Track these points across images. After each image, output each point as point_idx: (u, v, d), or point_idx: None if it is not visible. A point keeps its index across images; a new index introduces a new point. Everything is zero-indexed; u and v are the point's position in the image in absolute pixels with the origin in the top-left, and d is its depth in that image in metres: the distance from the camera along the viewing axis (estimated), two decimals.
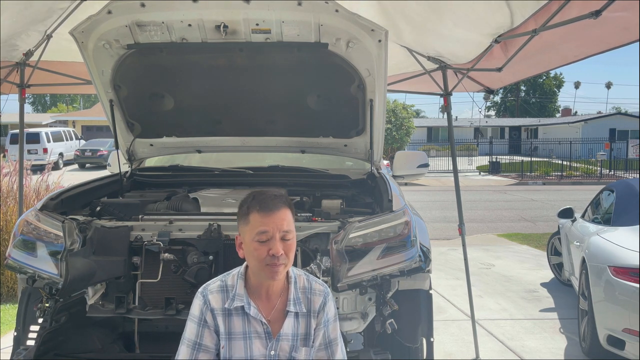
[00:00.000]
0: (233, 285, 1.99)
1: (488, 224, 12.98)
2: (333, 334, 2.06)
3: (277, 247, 1.89)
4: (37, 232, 3.03)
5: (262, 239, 1.89)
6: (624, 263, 4.35)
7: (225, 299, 1.97)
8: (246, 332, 1.95)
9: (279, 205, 1.93)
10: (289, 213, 1.96)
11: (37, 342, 2.87)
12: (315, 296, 2.05)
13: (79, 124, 44.79)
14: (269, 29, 3.26)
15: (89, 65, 3.54)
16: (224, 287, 1.99)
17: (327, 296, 2.07)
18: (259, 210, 1.91)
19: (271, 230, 1.89)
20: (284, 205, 1.95)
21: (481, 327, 5.45)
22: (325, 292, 2.08)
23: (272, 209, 1.91)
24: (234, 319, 1.96)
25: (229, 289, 1.98)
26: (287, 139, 4.12)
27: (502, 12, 3.28)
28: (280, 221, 1.91)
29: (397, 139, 28.60)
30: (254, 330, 1.96)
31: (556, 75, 72.52)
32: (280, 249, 1.89)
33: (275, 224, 1.90)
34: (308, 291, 2.05)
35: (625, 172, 27.44)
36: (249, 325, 1.96)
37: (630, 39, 3.05)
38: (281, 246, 1.90)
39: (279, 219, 1.91)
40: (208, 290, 1.99)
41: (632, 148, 30.78)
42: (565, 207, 6.87)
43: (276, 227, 1.90)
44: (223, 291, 1.98)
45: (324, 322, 2.04)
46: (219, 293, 1.98)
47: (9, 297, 6.10)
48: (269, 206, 1.91)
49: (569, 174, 26.19)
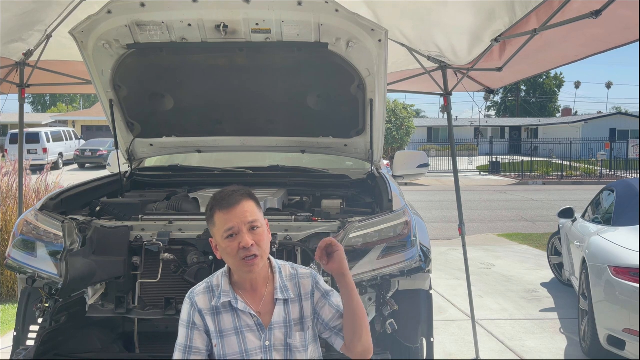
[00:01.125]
0: (218, 284, 2.01)
1: (488, 224, 12.97)
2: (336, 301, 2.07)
3: (246, 239, 1.90)
4: (36, 232, 3.03)
5: (230, 235, 1.91)
6: (624, 263, 4.35)
7: (211, 298, 1.99)
8: (237, 327, 1.97)
9: (238, 199, 1.95)
10: (252, 203, 1.97)
11: (37, 342, 2.86)
12: (304, 279, 2.06)
13: (79, 123, 44.81)
14: (269, 29, 3.26)
15: (88, 65, 3.54)
16: (209, 287, 2.02)
17: (315, 277, 2.09)
18: (220, 209, 1.94)
19: (236, 224, 1.91)
20: (243, 197, 1.96)
21: (481, 327, 5.45)
22: (312, 273, 2.09)
23: (232, 204, 1.93)
24: (223, 316, 1.97)
25: (214, 289, 2.01)
26: (287, 139, 4.12)
27: (501, 11, 3.28)
28: (242, 213, 1.93)
29: (397, 139, 28.60)
30: (245, 324, 1.97)
31: (556, 75, 72.58)
32: (249, 240, 1.90)
33: (239, 217, 1.92)
34: (295, 277, 2.06)
35: (626, 172, 27.44)
36: (239, 320, 1.97)
37: (630, 39, 3.05)
38: (250, 237, 1.91)
39: (241, 211, 1.93)
40: (194, 293, 2.02)
41: (632, 148, 30.79)
42: (565, 207, 6.86)
43: (240, 220, 1.92)
44: (209, 291, 2.01)
45: (323, 296, 2.05)
46: (205, 294, 2.01)
47: (9, 297, 6.10)
48: (228, 202, 1.94)
49: (569, 174, 26.19)
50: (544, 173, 26.51)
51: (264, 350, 1.97)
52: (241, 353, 1.95)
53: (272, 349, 1.97)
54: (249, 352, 1.96)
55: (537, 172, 26.60)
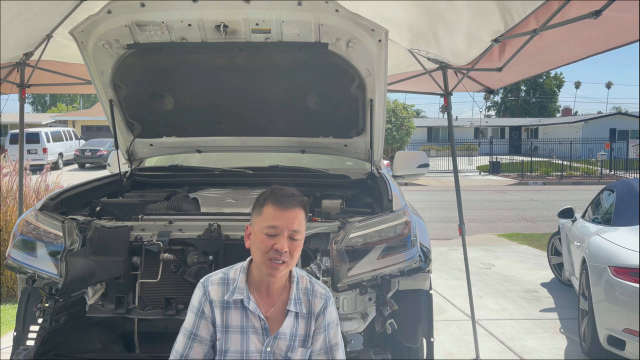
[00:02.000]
0: (235, 279, 2.00)
1: (488, 224, 12.97)
2: (334, 339, 2.06)
3: (283, 244, 1.90)
4: (36, 232, 3.03)
5: (271, 233, 1.91)
6: (624, 263, 4.35)
7: (225, 292, 1.98)
8: (243, 327, 1.96)
9: (294, 204, 1.95)
10: (302, 214, 1.97)
11: (37, 342, 2.86)
12: (317, 298, 2.05)
13: (79, 123, 44.80)
14: (269, 29, 3.26)
15: (88, 65, 3.54)
16: (225, 279, 2.01)
17: (328, 300, 2.07)
18: (273, 204, 1.93)
19: (281, 226, 1.91)
20: (298, 205, 1.96)
21: (481, 327, 5.45)
22: (327, 295, 2.07)
23: (287, 206, 1.93)
24: (232, 312, 1.97)
25: (230, 282, 2.00)
26: (287, 139, 4.11)
27: (501, 11, 3.28)
28: (291, 219, 1.93)
29: (397, 139, 28.61)
30: (251, 325, 1.97)
31: (556, 75, 72.57)
32: (285, 246, 1.90)
33: (287, 220, 1.92)
34: (310, 292, 2.05)
35: (626, 172, 27.44)
36: (247, 320, 1.97)
37: (630, 39, 3.05)
38: (287, 244, 1.91)
39: (291, 217, 1.93)
40: (209, 281, 2.01)
41: (632, 148, 30.78)
42: (565, 207, 6.86)
43: (286, 224, 1.92)
44: (224, 283, 2.00)
45: (324, 326, 2.04)
46: (220, 285, 2.00)
47: (9, 297, 6.10)
48: (283, 202, 1.93)
49: (569, 174, 26.19)
50: (544, 173, 26.51)
51: (264, 355, 1.96)
52: (241, 353, 1.95)
53: (271, 355, 1.97)
54: (249, 353, 1.96)
55: (537, 172, 26.60)
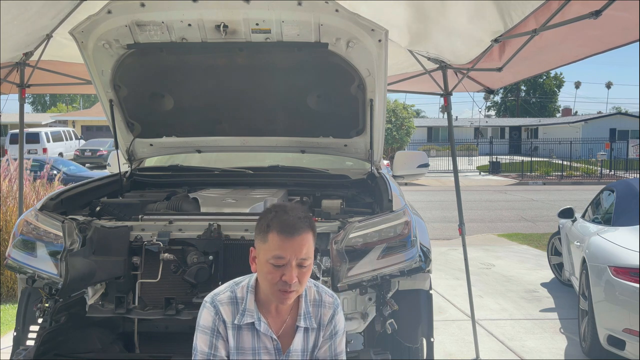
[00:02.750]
0: (243, 298, 1.91)
1: (488, 224, 12.97)
2: (339, 348, 2.03)
3: (292, 275, 1.78)
4: (36, 232, 3.03)
5: (278, 264, 1.79)
6: (624, 263, 4.34)
7: (235, 313, 1.90)
8: (255, 348, 1.91)
9: (301, 230, 1.80)
10: (310, 237, 1.84)
11: (37, 342, 2.86)
12: (325, 309, 2.00)
13: (79, 123, 44.78)
14: (269, 29, 3.26)
15: (88, 65, 3.54)
16: (233, 299, 1.91)
17: (336, 308, 2.02)
18: (279, 233, 1.78)
19: (288, 256, 1.78)
20: (306, 228, 1.82)
21: (481, 327, 5.45)
22: (335, 304, 2.02)
23: (293, 234, 1.78)
24: (243, 334, 1.91)
25: (238, 302, 1.91)
26: (287, 139, 4.11)
27: (500, 12, 3.28)
28: (299, 247, 1.79)
29: (397, 139, 28.61)
30: (263, 346, 1.92)
31: (556, 75, 72.56)
32: (294, 277, 1.78)
33: (294, 249, 1.78)
34: (318, 304, 2.00)
35: (626, 172, 27.43)
36: (259, 341, 1.91)
37: (630, 39, 3.05)
38: (296, 273, 1.79)
39: (299, 244, 1.79)
40: (218, 301, 1.91)
41: (632, 148, 30.79)
42: (565, 207, 6.86)
43: (294, 253, 1.78)
44: (233, 303, 1.91)
45: (331, 334, 2.01)
46: (229, 305, 1.90)
47: (9, 297, 6.10)
48: (290, 230, 1.78)
49: (569, 174, 26.19)
50: (544, 173, 26.51)
51: None
52: None
53: None
54: None
55: (537, 172, 26.60)
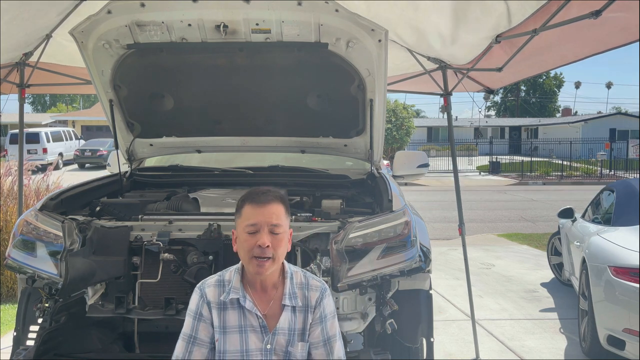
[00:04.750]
0: (230, 280, 2.04)
1: (488, 224, 12.97)
2: (331, 331, 2.07)
3: (264, 239, 1.93)
4: (36, 232, 3.03)
5: (251, 231, 1.95)
6: (624, 263, 4.35)
7: (221, 293, 2.01)
8: (242, 326, 1.98)
9: (270, 199, 1.99)
10: (281, 208, 2.00)
11: (36, 342, 2.86)
12: (312, 292, 2.07)
13: (79, 124, 44.78)
14: (269, 29, 3.26)
15: (88, 65, 3.54)
16: (220, 281, 2.05)
17: (324, 292, 2.09)
18: (250, 203, 1.98)
19: (260, 222, 1.95)
20: (275, 199, 2.00)
21: (481, 327, 5.45)
22: (323, 287, 2.10)
23: (262, 202, 1.97)
24: (229, 312, 1.99)
25: (225, 283, 2.03)
26: (287, 139, 4.12)
27: (501, 12, 3.28)
28: (269, 214, 1.96)
29: (397, 139, 28.61)
30: (249, 323, 1.98)
31: (556, 75, 72.57)
32: (267, 241, 1.93)
33: (265, 216, 1.95)
34: (305, 287, 2.07)
35: (626, 172, 27.43)
36: (245, 319, 1.98)
37: (630, 39, 3.05)
38: (269, 239, 1.94)
39: (269, 212, 1.96)
40: (205, 284, 2.06)
41: (632, 148, 30.78)
42: (565, 207, 6.86)
43: (265, 219, 1.95)
44: (220, 285, 2.04)
45: (320, 318, 2.05)
46: (216, 287, 2.03)
47: (9, 297, 6.10)
48: (259, 199, 1.98)
49: (569, 174, 26.19)
50: (544, 173, 26.51)
51: (264, 353, 1.97)
52: (241, 352, 1.96)
53: (272, 353, 1.98)
54: (249, 353, 1.96)
55: (537, 172, 26.60)
